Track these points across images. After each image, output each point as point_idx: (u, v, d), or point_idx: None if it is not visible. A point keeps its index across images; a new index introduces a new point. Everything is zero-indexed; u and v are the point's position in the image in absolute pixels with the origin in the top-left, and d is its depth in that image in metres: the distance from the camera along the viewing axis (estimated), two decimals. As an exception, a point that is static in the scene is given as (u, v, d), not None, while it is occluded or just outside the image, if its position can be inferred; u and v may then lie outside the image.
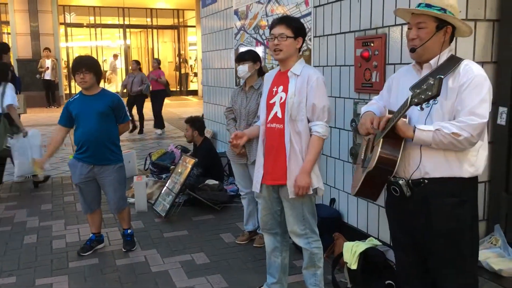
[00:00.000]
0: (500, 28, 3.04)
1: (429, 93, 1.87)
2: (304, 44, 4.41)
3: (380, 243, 3.45)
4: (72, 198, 5.66)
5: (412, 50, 2.17)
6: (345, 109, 3.92)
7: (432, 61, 2.17)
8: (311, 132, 2.82)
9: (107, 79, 19.58)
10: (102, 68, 9.17)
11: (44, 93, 15.95)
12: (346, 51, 3.88)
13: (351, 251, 3.30)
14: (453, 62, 2.14)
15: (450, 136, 2.01)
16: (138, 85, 10.26)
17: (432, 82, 1.86)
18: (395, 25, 3.33)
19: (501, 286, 2.79)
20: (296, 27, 2.85)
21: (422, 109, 1.96)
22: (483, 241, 3.10)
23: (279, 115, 2.86)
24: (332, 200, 4.19)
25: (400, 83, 2.35)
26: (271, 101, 2.91)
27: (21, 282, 3.57)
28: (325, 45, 4.15)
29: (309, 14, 4.33)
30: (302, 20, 4.34)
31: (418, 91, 1.92)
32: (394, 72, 3.35)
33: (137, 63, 10.72)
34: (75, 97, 3.97)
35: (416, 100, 1.92)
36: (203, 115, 7.56)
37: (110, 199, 4.00)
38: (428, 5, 2.11)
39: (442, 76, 1.90)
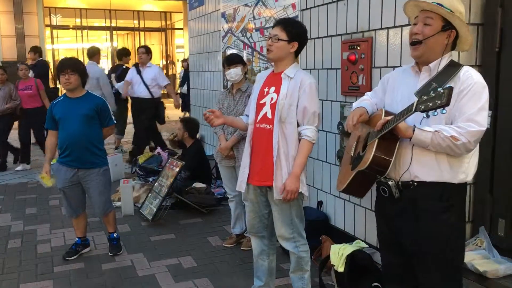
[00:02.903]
0: (484, 32, 3.08)
1: (438, 102, 1.83)
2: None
3: (367, 246, 3.46)
4: (57, 202, 5.59)
5: (413, 43, 2.14)
6: (332, 112, 3.93)
7: (432, 65, 2.15)
8: (300, 136, 2.82)
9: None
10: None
11: None
12: (333, 54, 3.90)
13: (338, 254, 3.30)
14: (453, 68, 2.13)
15: (449, 139, 2.01)
16: (3, 101, 7.08)
17: (442, 91, 1.83)
18: (381, 28, 3.35)
19: (486, 287, 2.81)
20: (291, 31, 2.83)
21: (428, 116, 1.92)
22: (468, 243, 3.12)
23: (269, 115, 2.86)
24: (319, 203, 4.20)
25: (396, 84, 2.33)
26: (262, 101, 2.91)
27: (5, 287, 3.52)
28: (312, 48, 4.17)
29: (296, 17, 4.34)
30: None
31: (425, 97, 1.89)
32: (381, 75, 3.39)
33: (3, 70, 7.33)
34: (59, 99, 3.92)
35: (422, 107, 1.89)
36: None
37: (95, 203, 3.96)
38: (440, 4, 2.09)
39: (452, 86, 1.88)
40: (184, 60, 13.09)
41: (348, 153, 2.52)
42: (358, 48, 3.54)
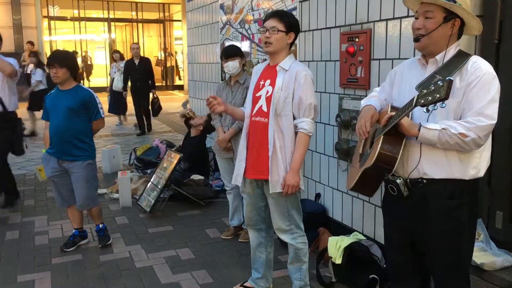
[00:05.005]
0: (483, 24, 3.05)
1: (437, 96, 1.76)
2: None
3: (365, 238, 3.47)
4: (56, 193, 5.58)
5: (416, 39, 2.06)
6: (330, 104, 3.92)
7: (438, 57, 2.07)
8: (297, 129, 2.81)
9: None
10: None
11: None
12: (331, 46, 3.88)
13: (336, 246, 3.31)
14: (461, 58, 2.03)
15: (457, 137, 1.92)
16: None
17: (441, 84, 1.75)
18: (380, 20, 3.34)
19: (483, 279, 2.82)
20: (288, 22, 2.82)
21: (428, 111, 1.85)
22: (466, 235, 3.12)
23: (264, 109, 2.85)
24: (317, 195, 4.20)
25: (403, 77, 2.24)
26: (257, 94, 2.90)
27: (3, 278, 3.52)
28: (310, 40, 4.15)
29: (294, 8, 4.32)
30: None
31: (425, 91, 1.82)
32: (379, 67, 3.38)
33: None
34: (52, 91, 3.96)
35: (422, 101, 1.82)
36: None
37: (76, 195, 3.93)
38: None
39: (452, 78, 1.79)
40: (116, 52, 11.52)
41: (357, 151, 2.44)
42: (357, 40, 3.53)
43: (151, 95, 9.63)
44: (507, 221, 3.08)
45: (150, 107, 9.75)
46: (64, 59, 3.80)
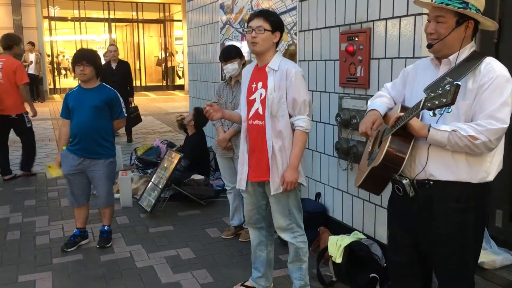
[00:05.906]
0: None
1: (444, 100, 1.74)
2: (290, 39, 4.42)
3: (365, 237, 3.48)
4: (56, 193, 5.60)
5: (429, 46, 2.04)
6: (330, 103, 3.93)
7: (451, 57, 2.03)
8: (294, 127, 2.82)
9: None
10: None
11: (28, 88, 15.72)
12: (331, 45, 3.88)
13: (336, 245, 3.32)
14: (474, 60, 1.99)
15: (467, 139, 1.89)
16: None
17: (448, 89, 1.73)
18: (380, 19, 3.34)
19: (483, 278, 2.83)
20: (274, 21, 2.82)
21: (434, 114, 1.83)
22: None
23: (260, 111, 2.85)
24: (318, 195, 4.20)
25: (416, 77, 2.21)
26: (251, 98, 2.90)
27: (4, 278, 3.53)
28: (310, 40, 4.15)
29: (294, 8, 4.33)
30: (287, 14, 4.34)
31: (432, 94, 1.80)
32: (379, 66, 3.38)
33: None
34: (74, 89, 4.01)
35: (429, 105, 1.80)
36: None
37: (99, 193, 4.01)
38: None
39: (460, 83, 1.74)
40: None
41: (367, 149, 2.44)
42: (356, 39, 3.53)
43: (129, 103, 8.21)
44: (507, 220, 3.09)
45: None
46: (92, 57, 3.88)
